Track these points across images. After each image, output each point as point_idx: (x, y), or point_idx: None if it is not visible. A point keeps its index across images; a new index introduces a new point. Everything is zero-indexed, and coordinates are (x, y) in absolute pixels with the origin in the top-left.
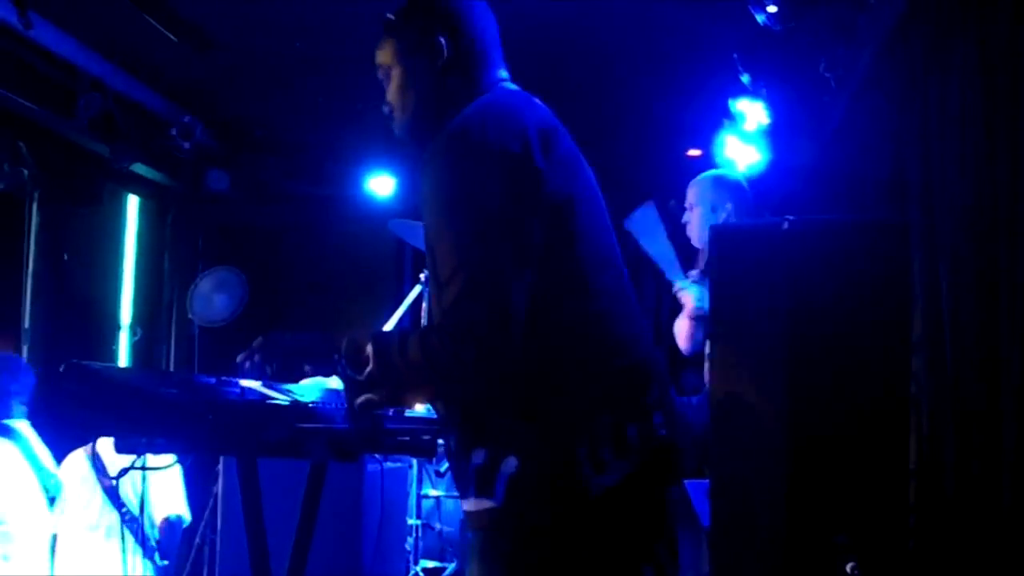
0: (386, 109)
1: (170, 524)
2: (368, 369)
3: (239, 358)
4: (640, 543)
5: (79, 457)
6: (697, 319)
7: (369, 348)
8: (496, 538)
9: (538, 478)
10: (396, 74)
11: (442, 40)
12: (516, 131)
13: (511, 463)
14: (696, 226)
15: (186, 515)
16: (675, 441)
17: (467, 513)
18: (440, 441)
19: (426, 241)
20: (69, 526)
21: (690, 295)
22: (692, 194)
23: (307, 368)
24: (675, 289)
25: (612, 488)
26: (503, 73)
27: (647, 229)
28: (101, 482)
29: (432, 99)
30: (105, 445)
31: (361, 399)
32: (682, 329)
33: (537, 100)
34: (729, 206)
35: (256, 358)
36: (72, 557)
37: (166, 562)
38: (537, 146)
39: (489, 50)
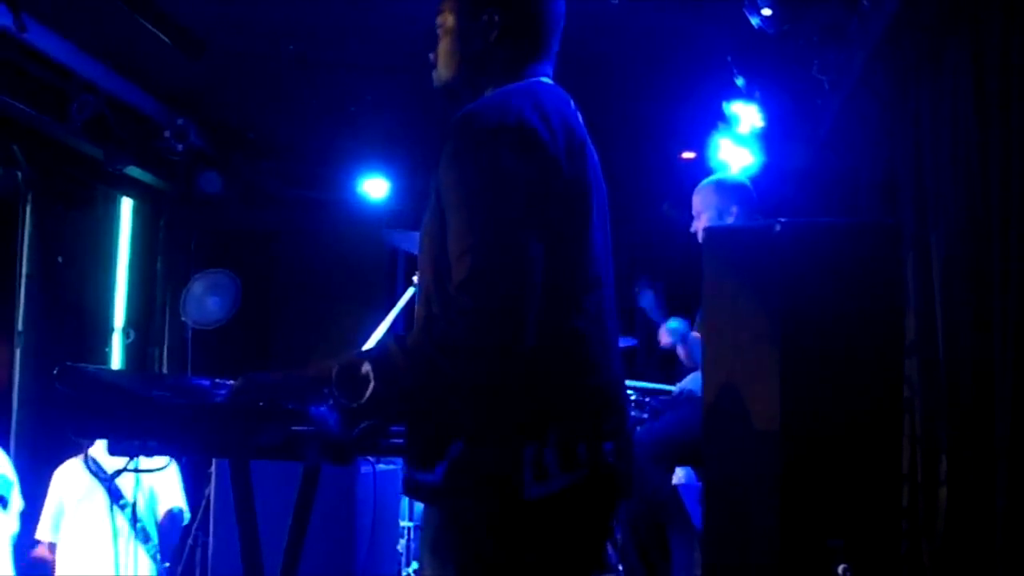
0: (432, 57)
1: (172, 516)
2: (370, 388)
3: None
4: (576, 556)
5: (75, 467)
6: (686, 349)
7: (367, 366)
8: (439, 520)
9: (479, 467)
10: (450, 28)
11: (503, 12)
12: (548, 122)
13: (457, 447)
14: None
15: (186, 510)
16: (619, 472)
17: (404, 479)
18: None
19: (431, 213)
20: (74, 533)
21: (668, 337)
22: (697, 201)
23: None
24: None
25: (548, 497)
26: (547, 69)
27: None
28: (103, 485)
29: (477, 65)
30: (98, 448)
31: (362, 427)
32: (684, 359)
33: (573, 105)
34: (735, 209)
35: (239, 401)
36: (79, 560)
37: (167, 564)
38: (563, 144)
39: (547, 41)
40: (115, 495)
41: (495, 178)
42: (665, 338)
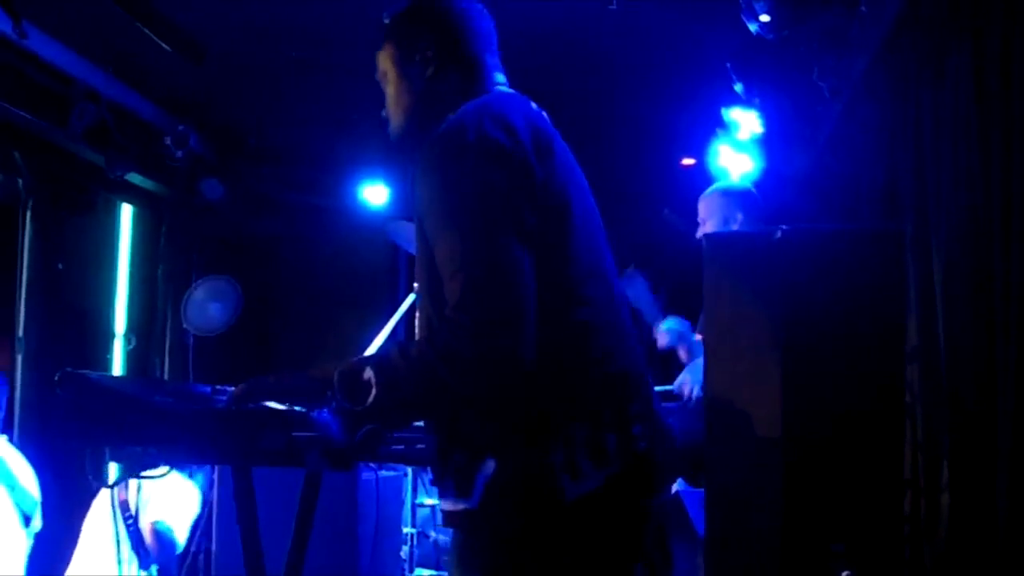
0: (384, 113)
1: (156, 533)
2: (372, 394)
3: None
4: (617, 552)
5: (103, 505)
6: (688, 351)
7: (369, 372)
8: (472, 541)
9: (514, 482)
10: (391, 79)
11: (433, 46)
12: (510, 129)
13: (489, 465)
14: None
15: (176, 529)
16: (655, 454)
17: (444, 513)
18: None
19: (420, 248)
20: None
21: (665, 337)
22: (703, 208)
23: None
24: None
25: (587, 496)
26: (500, 77)
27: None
28: (124, 520)
29: (425, 104)
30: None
31: (365, 431)
32: (686, 361)
33: (534, 105)
34: (740, 216)
35: (240, 407)
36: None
37: (156, 566)
38: (530, 146)
39: (484, 54)
40: (122, 507)
41: (468, 194)
42: (662, 339)
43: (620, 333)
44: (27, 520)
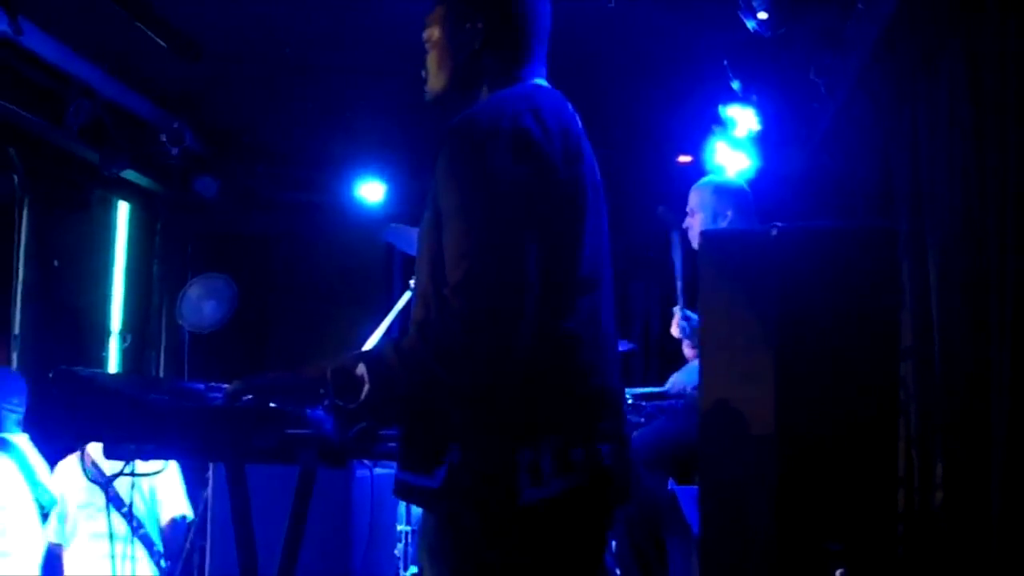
0: (424, 72)
1: (175, 524)
2: (365, 391)
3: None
4: (574, 561)
5: (74, 468)
6: (694, 346)
7: (361, 368)
8: (438, 525)
9: (475, 473)
10: (437, 40)
11: (485, 20)
12: (544, 125)
13: (454, 452)
14: (697, 232)
15: (189, 512)
16: (617, 473)
17: (398, 481)
18: None
19: (427, 222)
20: (75, 535)
21: (676, 327)
22: (693, 200)
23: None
24: (675, 308)
25: (545, 501)
26: (540, 71)
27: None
28: (101, 489)
29: (466, 74)
30: (95, 450)
31: (358, 428)
32: (690, 358)
33: (570, 106)
34: (729, 213)
35: (234, 404)
36: (79, 565)
37: (166, 563)
38: (559, 147)
39: (532, 44)
40: (114, 499)
41: (491, 182)
42: (677, 330)
43: (604, 346)
44: (45, 516)
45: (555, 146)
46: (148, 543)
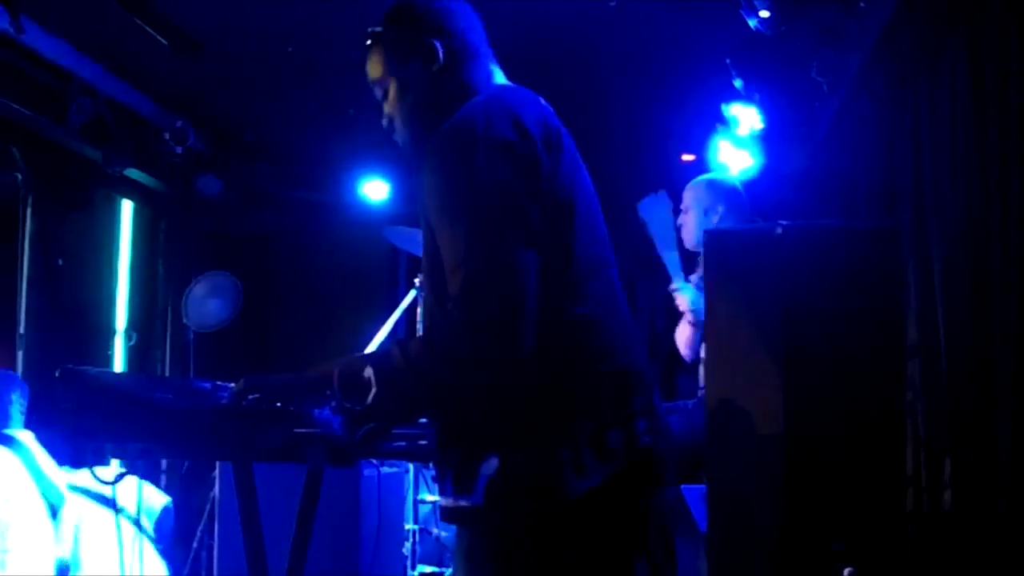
0: (385, 122)
1: (167, 511)
2: (372, 393)
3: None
4: (621, 547)
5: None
6: (696, 325)
7: (368, 370)
8: (480, 538)
9: (520, 479)
10: (391, 85)
11: (434, 44)
12: (519, 124)
13: (492, 463)
14: (690, 229)
15: (167, 497)
16: (658, 449)
17: (443, 508)
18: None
19: (426, 239)
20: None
21: (685, 298)
22: (687, 197)
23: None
24: (672, 288)
25: (592, 491)
26: (497, 71)
27: (657, 218)
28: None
29: (431, 104)
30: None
31: (365, 430)
32: (683, 336)
33: (542, 99)
34: (721, 209)
35: (241, 404)
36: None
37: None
38: (540, 141)
39: (480, 49)
40: (112, 502)
41: (474, 191)
42: (681, 301)
43: (621, 330)
44: (54, 512)
45: (535, 142)
46: (158, 540)
